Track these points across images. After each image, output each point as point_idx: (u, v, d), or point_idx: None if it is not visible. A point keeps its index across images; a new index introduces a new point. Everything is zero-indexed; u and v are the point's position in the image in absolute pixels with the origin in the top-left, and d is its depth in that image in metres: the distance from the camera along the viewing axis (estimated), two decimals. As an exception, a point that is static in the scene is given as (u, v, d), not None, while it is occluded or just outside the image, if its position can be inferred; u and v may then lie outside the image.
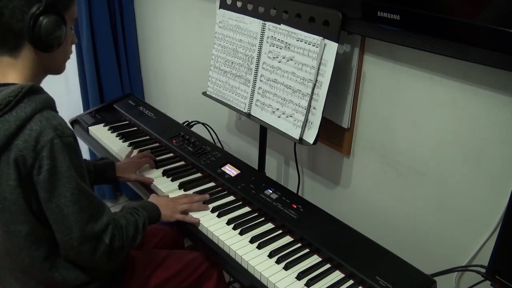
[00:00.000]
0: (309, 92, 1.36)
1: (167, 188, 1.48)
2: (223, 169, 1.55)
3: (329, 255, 1.21)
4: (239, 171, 1.53)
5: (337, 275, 1.18)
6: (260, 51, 1.50)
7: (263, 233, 1.30)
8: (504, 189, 1.15)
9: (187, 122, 2.02)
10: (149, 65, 2.54)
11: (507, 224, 0.99)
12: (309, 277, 1.16)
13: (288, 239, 1.30)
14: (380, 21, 1.19)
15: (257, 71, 1.52)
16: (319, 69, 1.34)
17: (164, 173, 1.56)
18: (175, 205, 1.34)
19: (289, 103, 1.42)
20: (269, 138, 1.72)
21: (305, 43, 1.35)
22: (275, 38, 1.44)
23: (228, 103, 1.64)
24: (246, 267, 1.20)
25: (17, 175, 1.00)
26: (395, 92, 1.35)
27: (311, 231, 1.28)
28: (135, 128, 1.90)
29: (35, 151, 0.98)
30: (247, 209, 1.41)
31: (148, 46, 2.49)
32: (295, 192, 1.54)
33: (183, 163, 1.65)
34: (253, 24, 1.50)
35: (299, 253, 1.24)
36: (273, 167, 1.89)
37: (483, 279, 1.11)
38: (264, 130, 1.68)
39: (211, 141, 1.89)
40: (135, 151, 1.69)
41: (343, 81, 1.44)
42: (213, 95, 1.70)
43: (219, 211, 1.37)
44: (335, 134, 1.54)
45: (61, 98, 2.50)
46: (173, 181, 1.52)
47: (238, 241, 1.27)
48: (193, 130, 1.83)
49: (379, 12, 1.18)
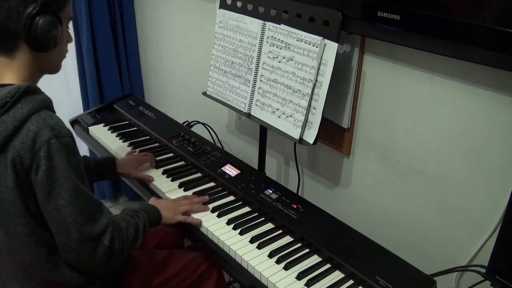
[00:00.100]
0: (309, 92, 1.36)
1: (167, 188, 1.48)
2: (223, 169, 1.55)
3: (329, 255, 1.21)
4: (239, 171, 1.53)
5: (337, 275, 1.18)
6: (260, 51, 1.50)
7: (263, 233, 1.30)
8: (504, 189, 1.15)
9: (187, 122, 2.02)
10: (149, 65, 2.54)
11: (507, 224, 0.99)
12: (309, 277, 1.16)
13: (288, 239, 1.30)
14: (380, 21, 1.19)
15: (257, 71, 1.52)
16: (319, 69, 1.34)
17: (164, 173, 1.56)
18: (176, 206, 1.33)
19: (289, 103, 1.42)
20: (269, 138, 1.72)
21: (305, 43, 1.35)
22: (275, 38, 1.44)
23: (228, 103, 1.64)
24: (246, 267, 1.20)
25: (14, 177, 0.99)
26: (395, 92, 1.35)
27: (311, 231, 1.28)
28: (135, 128, 1.90)
29: (33, 152, 0.98)
30: (247, 209, 1.41)
31: (148, 46, 2.49)
32: (295, 192, 1.54)
33: (183, 163, 1.65)
34: (253, 24, 1.50)
35: (299, 253, 1.24)
36: (273, 167, 1.89)
37: (483, 279, 1.11)
38: (264, 130, 1.68)
39: (211, 141, 1.89)
40: (136, 151, 1.69)
41: (343, 81, 1.44)
42: (213, 95, 1.70)
43: (219, 211, 1.37)
44: (335, 134, 1.54)
45: (61, 98, 2.50)
46: (173, 181, 1.52)
47: (238, 241, 1.27)
48: (193, 130, 1.83)
49: (379, 12, 1.18)
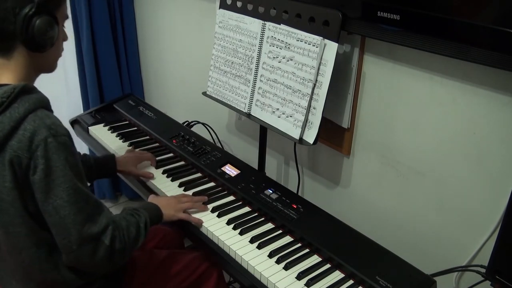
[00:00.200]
0: (309, 92, 1.36)
1: (167, 188, 1.48)
2: (223, 169, 1.55)
3: (329, 255, 1.21)
4: (239, 171, 1.53)
5: (337, 275, 1.18)
6: (260, 51, 1.50)
7: (263, 233, 1.30)
8: (504, 189, 1.15)
9: (187, 122, 2.02)
10: (149, 65, 2.54)
11: (507, 224, 0.99)
12: (309, 277, 1.16)
13: (288, 239, 1.30)
14: (380, 21, 1.19)
15: (257, 71, 1.52)
16: (319, 69, 1.34)
17: (164, 173, 1.56)
18: (177, 204, 1.33)
19: (289, 103, 1.42)
20: (269, 138, 1.72)
21: (305, 43, 1.35)
22: (275, 38, 1.44)
23: (228, 103, 1.64)
24: (246, 267, 1.20)
25: (13, 177, 0.99)
26: (395, 92, 1.35)
27: (311, 231, 1.28)
28: (135, 128, 1.90)
29: (30, 151, 0.98)
30: (247, 209, 1.41)
31: (148, 46, 2.49)
32: (295, 192, 1.54)
33: (183, 163, 1.65)
34: (253, 24, 1.50)
35: (299, 253, 1.24)
36: (273, 167, 1.89)
37: (483, 279, 1.11)
38: (264, 130, 1.68)
39: (211, 141, 1.89)
40: (135, 151, 1.69)
41: (343, 81, 1.44)
42: (213, 95, 1.70)
43: (219, 211, 1.37)
44: (335, 134, 1.54)
45: (61, 98, 2.50)
46: (173, 181, 1.52)
47: (238, 241, 1.27)
48: (193, 130, 1.83)
49: (379, 12, 1.18)
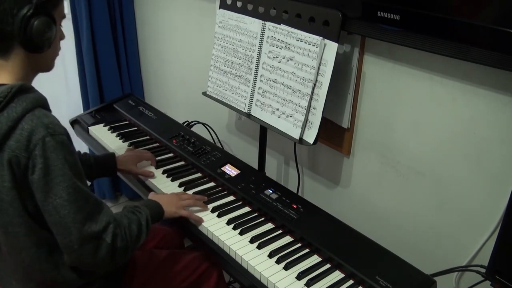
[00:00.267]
0: (309, 92, 1.36)
1: (167, 188, 1.48)
2: (223, 169, 1.55)
3: (329, 255, 1.21)
4: (239, 171, 1.53)
5: (337, 275, 1.18)
6: (260, 51, 1.50)
7: (263, 233, 1.30)
8: (504, 189, 1.15)
9: (187, 122, 2.02)
10: (149, 65, 2.54)
11: (507, 224, 0.99)
12: (309, 277, 1.16)
13: (288, 239, 1.30)
14: (380, 21, 1.19)
15: (257, 71, 1.52)
16: (319, 69, 1.34)
17: (164, 173, 1.56)
18: (178, 201, 1.33)
19: (289, 103, 1.42)
20: (269, 138, 1.72)
21: (305, 43, 1.35)
22: (275, 38, 1.44)
23: (228, 103, 1.64)
24: (246, 267, 1.20)
25: (11, 177, 0.99)
26: (395, 92, 1.35)
27: (311, 231, 1.28)
28: (135, 128, 1.90)
29: (28, 151, 0.97)
30: (247, 209, 1.41)
31: (148, 46, 2.49)
32: (295, 192, 1.54)
33: (183, 163, 1.65)
34: (253, 24, 1.50)
35: (299, 253, 1.24)
36: (273, 167, 1.89)
37: (483, 279, 1.11)
38: (264, 130, 1.68)
39: (211, 141, 1.89)
40: (137, 150, 1.69)
41: (343, 81, 1.44)
42: (213, 95, 1.70)
43: (219, 211, 1.37)
44: (335, 134, 1.54)
45: (61, 98, 2.50)
46: (173, 181, 1.52)
47: (238, 241, 1.27)
48: (193, 130, 1.83)
49: (379, 12, 1.18)
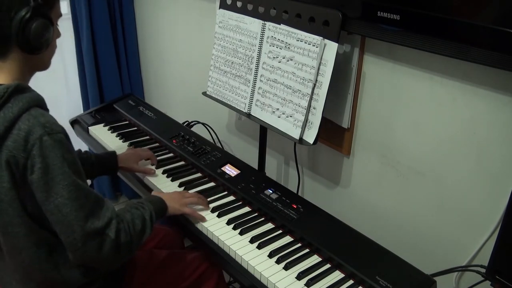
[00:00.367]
0: (309, 92, 1.36)
1: (167, 188, 1.48)
2: (223, 169, 1.55)
3: (329, 255, 1.21)
4: (239, 171, 1.53)
5: (337, 275, 1.18)
6: (260, 51, 1.50)
7: (263, 233, 1.30)
8: (504, 189, 1.15)
9: (187, 122, 2.02)
10: (149, 65, 2.54)
11: (507, 224, 0.99)
12: (309, 277, 1.16)
13: (288, 239, 1.30)
14: (380, 21, 1.19)
15: (257, 71, 1.52)
16: (319, 69, 1.34)
17: (164, 173, 1.56)
18: (181, 198, 1.33)
19: (289, 103, 1.42)
20: (269, 138, 1.72)
21: (305, 43, 1.35)
22: (275, 38, 1.44)
23: (228, 103, 1.64)
24: (246, 267, 1.20)
25: (10, 177, 0.99)
26: (395, 92, 1.35)
27: (311, 231, 1.28)
28: (135, 128, 1.90)
29: (26, 151, 0.97)
30: (247, 209, 1.41)
31: (148, 46, 2.49)
32: (295, 192, 1.54)
33: (183, 163, 1.65)
34: (253, 24, 1.50)
35: (299, 253, 1.24)
36: (273, 167, 1.89)
37: (483, 279, 1.11)
38: (264, 130, 1.68)
39: (211, 141, 1.89)
40: (137, 149, 1.69)
41: (343, 81, 1.44)
42: (213, 95, 1.70)
43: (219, 211, 1.37)
44: (335, 134, 1.54)
45: (61, 98, 2.50)
46: (173, 181, 1.52)
47: (238, 241, 1.27)
48: (193, 130, 1.83)
49: (379, 12, 1.18)
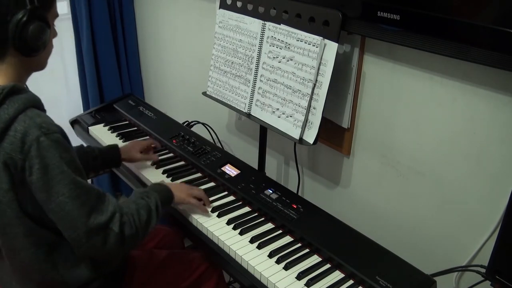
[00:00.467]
0: (309, 92, 1.36)
1: (167, 188, 1.48)
2: (223, 169, 1.55)
3: (329, 255, 1.21)
4: (239, 171, 1.53)
5: (337, 275, 1.18)
6: (260, 51, 1.50)
7: (263, 233, 1.30)
8: (504, 189, 1.15)
9: (187, 122, 2.02)
10: (149, 65, 2.54)
11: (507, 224, 0.99)
12: (309, 277, 1.16)
13: (288, 239, 1.30)
14: (380, 21, 1.19)
15: (257, 71, 1.52)
16: (319, 69, 1.34)
17: (164, 173, 1.56)
18: (188, 189, 1.35)
19: (289, 103, 1.42)
20: (269, 138, 1.72)
21: (305, 43, 1.35)
22: (275, 38, 1.44)
23: (228, 103, 1.64)
24: (246, 267, 1.20)
25: (8, 178, 0.99)
26: (395, 92, 1.35)
27: (311, 231, 1.28)
28: (135, 128, 1.90)
29: (23, 152, 0.97)
30: (247, 209, 1.41)
31: (148, 46, 2.49)
32: (295, 192, 1.54)
33: (183, 163, 1.65)
34: (253, 24, 1.50)
35: (299, 253, 1.24)
36: (273, 167, 1.89)
37: (483, 279, 1.11)
38: (264, 130, 1.68)
39: (211, 141, 1.89)
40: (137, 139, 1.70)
41: (343, 81, 1.44)
42: (213, 95, 1.70)
43: (219, 211, 1.37)
44: (335, 134, 1.54)
45: (61, 98, 2.50)
46: (173, 181, 1.52)
47: (238, 241, 1.27)
48: (193, 130, 1.83)
49: (379, 12, 1.18)
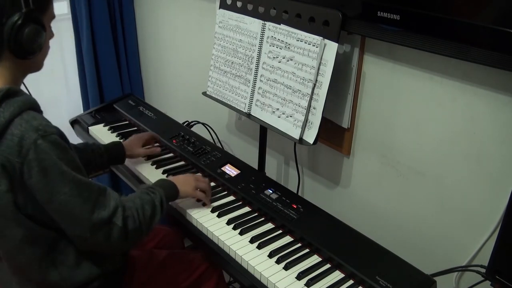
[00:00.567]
0: (309, 92, 1.36)
1: (167, 188, 1.48)
2: (223, 169, 1.55)
3: (329, 255, 1.21)
4: (239, 171, 1.53)
5: (337, 275, 1.18)
6: (260, 51, 1.50)
7: (263, 233, 1.30)
8: (504, 189, 1.15)
9: (187, 122, 2.02)
10: (149, 65, 2.54)
11: (507, 224, 0.99)
12: (309, 277, 1.16)
13: (288, 239, 1.30)
14: (380, 21, 1.19)
15: (257, 71, 1.52)
16: (319, 69, 1.34)
17: (164, 173, 1.56)
18: (194, 181, 1.35)
19: (289, 103, 1.42)
20: (269, 138, 1.72)
21: (305, 43, 1.35)
22: (275, 38, 1.44)
23: (228, 103, 1.64)
24: (246, 267, 1.20)
25: (7, 180, 0.99)
26: (395, 92, 1.35)
27: (311, 231, 1.28)
28: (135, 128, 1.90)
29: (21, 156, 0.97)
30: (247, 209, 1.41)
31: (148, 46, 2.49)
32: (295, 192, 1.54)
33: (183, 163, 1.65)
34: (253, 24, 1.50)
35: (299, 253, 1.24)
36: (273, 167, 1.89)
37: (483, 279, 1.11)
38: (264, 130, 1.68)
39: (211, 141, 1.89)
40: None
41: (343, 81, 1.44)
42: (213, 95, 1.70)
43: (219, 211, 1.37)
44: (335, 134, 1.54)
45: (61, 98, 2.50)
46: (173, 181, 1.52)
47: (238, 241, 1.27)
48: (193, 130, 1.83)
49: (379, 12, 1.18)
